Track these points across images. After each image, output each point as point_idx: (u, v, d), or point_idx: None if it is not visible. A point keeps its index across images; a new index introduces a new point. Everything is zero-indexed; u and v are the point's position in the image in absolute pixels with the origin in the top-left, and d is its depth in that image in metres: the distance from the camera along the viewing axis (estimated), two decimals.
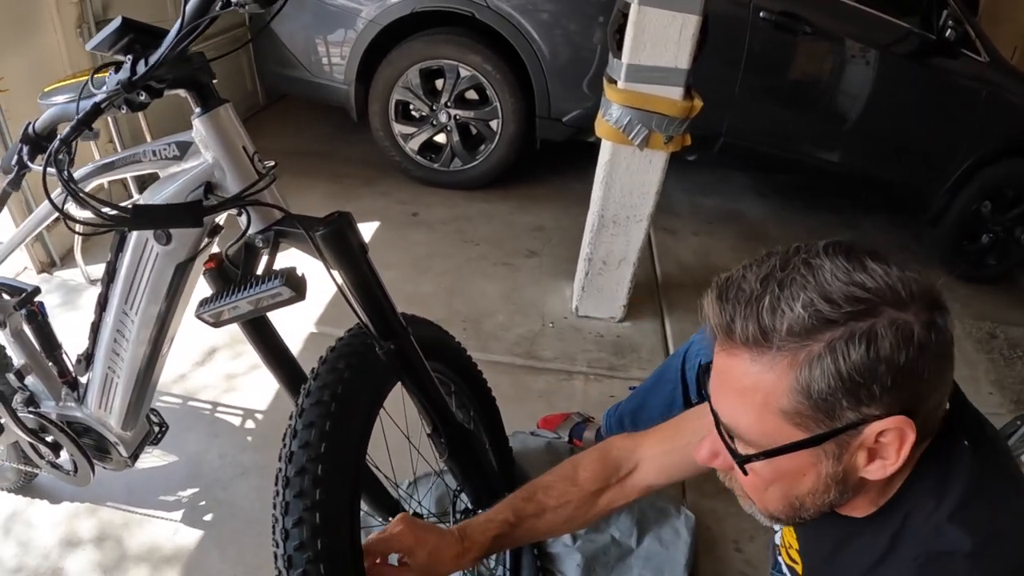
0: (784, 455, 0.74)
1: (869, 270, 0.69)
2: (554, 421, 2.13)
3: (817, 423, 0.71)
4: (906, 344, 0.67)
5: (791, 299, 0.69)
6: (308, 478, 0.94)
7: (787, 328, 0.69)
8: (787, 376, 0.70)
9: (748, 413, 0.75)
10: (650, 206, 2.46)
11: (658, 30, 2.13)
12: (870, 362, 0.67)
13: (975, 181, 3.46)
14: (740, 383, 0.74)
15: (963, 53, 3.27)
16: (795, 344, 0.69)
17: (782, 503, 0.81)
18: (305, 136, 4.27)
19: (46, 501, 1.84)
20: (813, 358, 0.68)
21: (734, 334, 0.72)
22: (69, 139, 0.92)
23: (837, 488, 0.76)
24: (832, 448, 0.73)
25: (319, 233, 1.01)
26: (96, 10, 2.93)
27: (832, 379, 0.68)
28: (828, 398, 0.69)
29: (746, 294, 0.72)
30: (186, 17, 0.89)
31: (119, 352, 1.32)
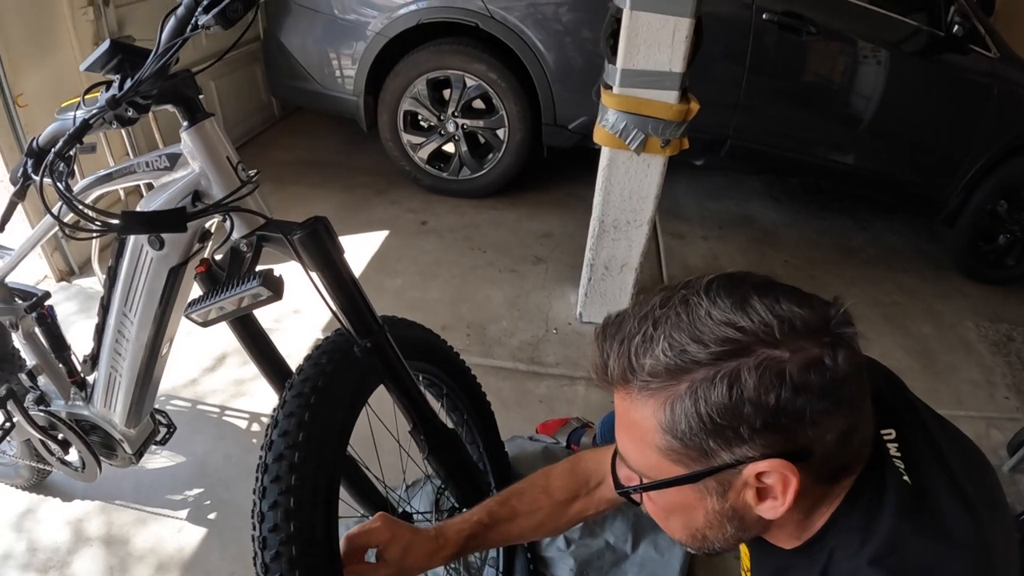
0: (666, 488, 0.75)
1: (748, 307, 0.68)
2: (553, 426, 2.15)
3: (693, 461, 0.71)
4: (777, 384, 0.65)
5: (658, 339, 0.68)
6: (285, 464, 0.98)
7: (649, 368, 0.68)
8: (654, 416, 0.70)
9: (633, 447, 0.76)
10: (650, 210, 2.49)
11: (651, 34, 2.15)
12: (732, 404, 0.66)
13: (990, 180, 3.41)
14: (624, 419, 0.75)
15: (972, 49, 3.24)
16: (658, 385, 0.69)
17: (684, 533, 0.81)
18: (319, 147, 4.35)
19: (58, 499, 1.92)
20: (675, 399, 0.68)
21: (607, 373, 0.73)
22: (62, 152, 0.99)
23: (733, 524, 0.76)
24: (713, 486, 0.72)
25: (296, 236, 1.06)
26: (112, 27, 3.03)
27: (693, 421, 0.67)
28: (694, 439, 0.69)
29: (622, 333, 0.72)
30: (163, 39, 0.96)
31: (120, 352, 1.39)
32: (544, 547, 1.82)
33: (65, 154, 1.03)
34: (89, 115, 1.01)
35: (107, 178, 1.30)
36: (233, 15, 0.90)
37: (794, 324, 0.67)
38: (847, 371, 0.67)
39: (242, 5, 0.90)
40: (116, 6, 3.06)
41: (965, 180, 3.41)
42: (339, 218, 3.43)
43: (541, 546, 1.83)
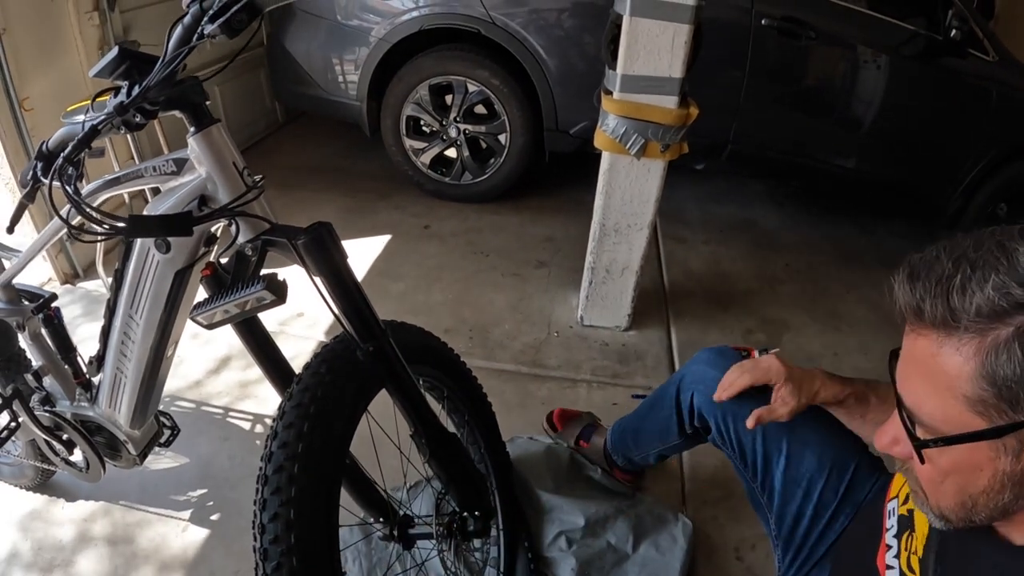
0: (963, 444, 0.71)
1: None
2: (568, 416, 2.15)
3: (1000, 413, 0.68)
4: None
5: (982, 280, 0.66)
6: (284, 475, 1.00)
7: (976, 309, 0.66)
8: (973, 360, 0.67)
9: (932, 397, 0.73)
10: (650, 214, 2.51)
11: (651, 40, 2.18)
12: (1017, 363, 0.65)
13: (990, 183, 3.43)
14: (926, 366, 0.72)
15: (971, 53, 3.26)
16: (983, 327, 0.66)
17: (955, 500, 0.77)
18: (323, 152, 4.38)
19: (63, 499, 1.94)
20: (1000, 343, 0.66)
21: (923, 314, 0.70)
22: (71, 157, 1.01)
23: (1013, 490, 0.72)
24: (1013, 443, 0.69)
25: (300, 242, 1.08)
26: (117, 32, 3.06)
27: (1019, 366, 0.65)
28: (1013, 386, 0.66)
29: (937, 274, 0.69)
30: (170, 47, 0.99)
31: (126, 354, 1.41)
32: (546, 547, 1.84)
33: (74, 158, 1.05)
34: (98, 121, 1.03)
35: (114, 182, 1.32)
36: (238, 25, 0.93)
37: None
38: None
39: (247, 15, 0.92)
40: (121, 11, 3.09)
41: (965, 183, 3.43)
42: (343, 222, 3.46)
43: (543, 546, 1.84)
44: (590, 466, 2.10)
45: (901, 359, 0.78)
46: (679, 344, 2.80)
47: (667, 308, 3.04)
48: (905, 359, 0.77)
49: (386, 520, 1.45)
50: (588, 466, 2.10)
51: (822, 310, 3.15)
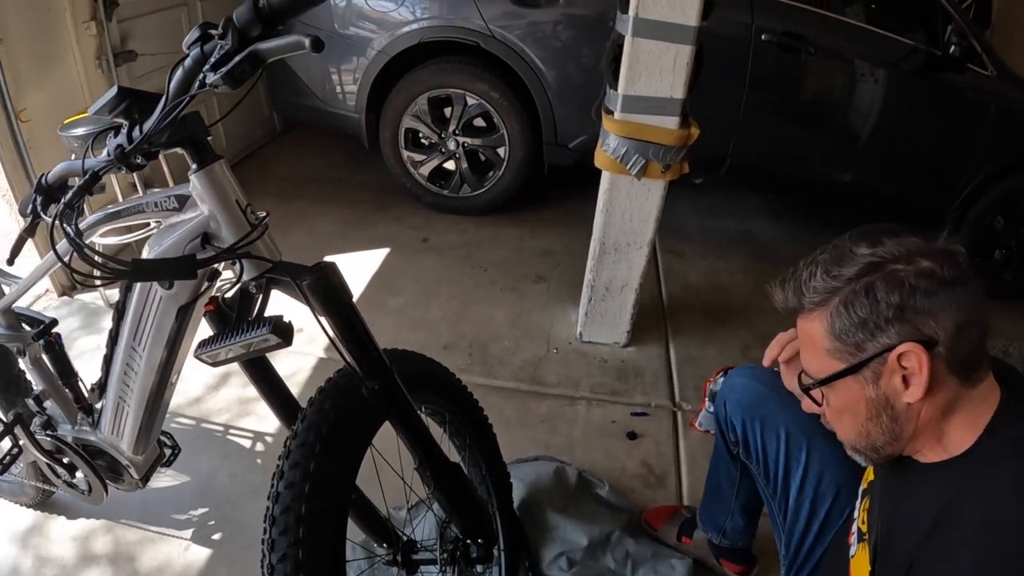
0: (836, 381, 0.98)
1: (879, 243, 0.93)
2: (664, 514, 2.04)
3: (851, 356, 0.95)
4: (898, 288, 0.89)
5: (817, 271, 0.96)
6: (292, 516, 1.00)
7: (813, 289, 0.96)
8: (822, 324, 0.97)
9: (810, 357, 1.02)
10: (650, 233, 2.51)
11: (652, 61, 2.18)
12: (870, 303, 0.91)
13: (987, 196, 3.44)
14: (803, 336, 1.03)
15: (969, 68, 3.27)
16: (820, 299, 0.96)
17: (854, 432, 1.02)
18: (322, 162, 4.37)
19: (63, 517, 1.93)
20: (834, 308, 0.95)
21: (787, 304, 1.02)
22: (73, 202, 1.00)
23: (887, 413, 0.96)
24: (869, 375, 0.95)
25: (305, 283, 1.08)
26: (115, 42, 3.05)
27: (847, 320, 0.93)
28: (850, 334, 0.94)
29: (793, 276, 1.00)
30: (169, 96, 0.98)
31: (129, 384, 1.40)
32: (546, 566, 1.85)
33: (76, 203, 1.05)
34: (100, 167, 1.03)
35: (115, 215, 1.32)
36: (241, 76, 0.91)
37: (911, 248, 0.91)
38: (954, 277, 0.89)
39: (250, 66, 0.91)
40: (119, 21, 3.08)
41: (962, 197, 3.44)
42: (341, 234, 3.47)
43: (543, 564, 1.86)
44: (598, 483, 2.12)
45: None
46: (677, 360, 2.80)
47: (666, 323, 3.04)
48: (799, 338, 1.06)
49: (389, 545, 1.45)
50: (596, 483, 2.12)
51: None
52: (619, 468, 2.24)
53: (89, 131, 1.87)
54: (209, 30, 0.96)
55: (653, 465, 2.27)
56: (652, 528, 2.01)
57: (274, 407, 1.32)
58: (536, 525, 1.94)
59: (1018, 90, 3.37)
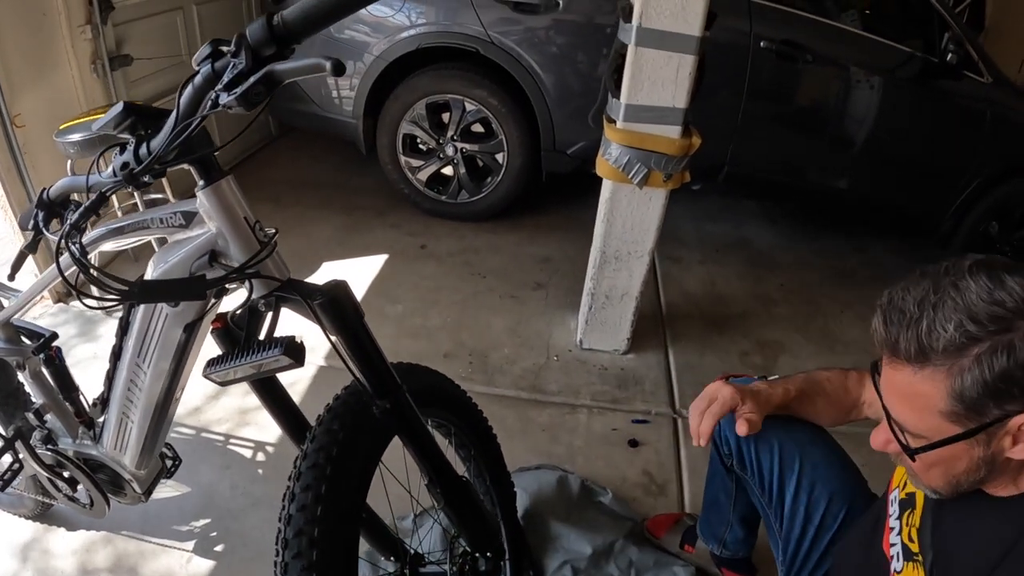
0: (944, 447, 0.89)
1: (1007, 288, 0.82)
2: (665, 522, 2.04)
3: (970, 420, 0.85)
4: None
5: (945, 321, 0.83)
6: (305, 540, 0.99)
7: (943, 347, 0.83)
8: (943, 385, 0.85)
9: (912, 413, 0.91)
10: (651, 242, 2.51)
11: (655, 70, 2.18)
12: (1009, 369, 0.81)
13: (982, 202, 3.47)
14: (905, 390, 0.90)
15: (966, 75, 3.29)
16: (949, 359, 0.83)
17: (942, 480, 0.96)
18: (317, 167, 4.35)
19: (63, 528, 1.91)
20: (964, 370, 0.83)
21: (899, 351, 0.88)
22: (79, 224, 0.99)
23: (986, 467, 0.90)
24: (983, 438, 0.87)
25: (317, 302, 1.07)
26: (110, 46, 3.03)
27: (980, 386, 0.82)
28: (977, 401, 0.83)
29: (907, 317, 0.87)
30: (180, 114, 0.95)
31: (132, 400, 1.39)
32: (550, 575, 1.86)
33: (82, 225, 1.03)
34: (107, 188, 1.01)
35: (118, 231, 1.29)
36: (256, 98, 0.88)
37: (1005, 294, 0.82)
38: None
39: (265, 88, 0.88)
40: (114, 24, 3.06)
41: (959, 202, 3.46)
42: (338, 240, 3.45)
43: (547, 573, 1.86)
44: (601, 491, 2.12)
45: (883, 383, 0.95)
46: (677, 367, 2.81)
47: (664, 330, 3.05)
48: (887, 384, 0.94)
49: (397, 558, 1.45)
50: (599, 492, 2.12)
51: (816, 330, 3.16)
52: (620, 477, 2.24)
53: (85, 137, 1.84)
54: (220, 47, 0.93)
55: (654, 473, 2.27)
56: (654, 537, 2.01)
57: (282, 424, 1.32)
58: (540, 534, 1.94)
59: (1013, 97, 3.40)
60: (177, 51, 3.53)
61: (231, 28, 3.27)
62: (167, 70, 3.44)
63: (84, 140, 1.88)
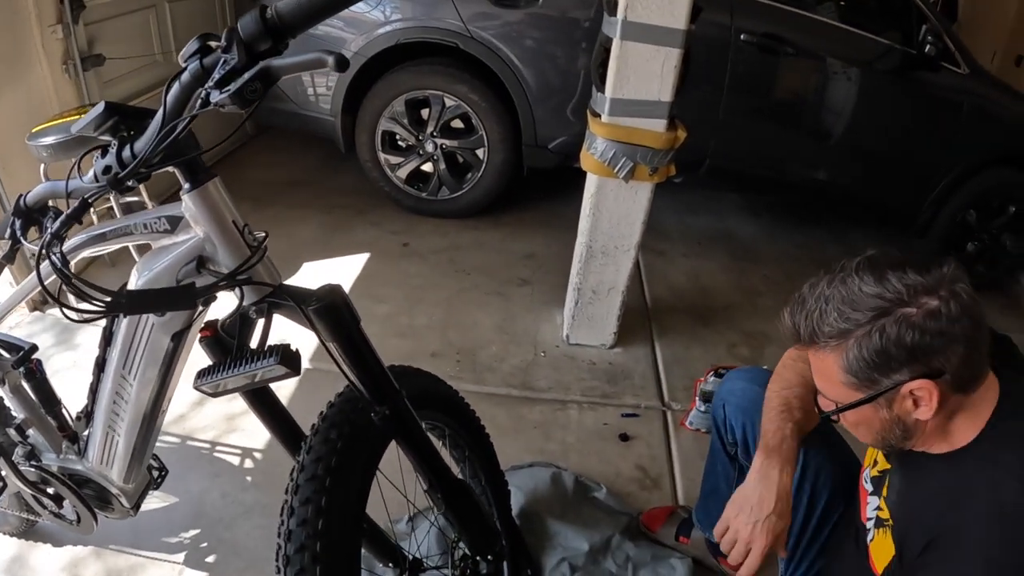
0: (852, 410, 1.06)
1: (886, 283, 0.97)
2: (660, 516, 2.04)
3: (867, 388, 1.02)
4: (909, 331, 0.95)
5: (830, 312, 1.00)
6: (308, 555, 0.97)
7: (827, 332, 1.01)
8: (836, 361, 1.02)
9: (825, 384, 1.09)
10: (637, 236, 2.50)
11: (641, 64, 2.17)
12: (883, 348, 0.97)
13: (961, 192, 3.50)
14: (817, 367, 1.09)
15: (943, 66, 3.32)
16: (835, 343, 1.01)
17: (869, 437, 1.12)
18: (296, 165, 4.29)
19: (49, 545, 1.85)
20: (848, 349, 1.00)
21: (798, 336, 1.05)
22: (60, 233, 0.95)
23: (899, 427, 1.06)
24: (883, 402, 1.03)
25: (312, 308, 1.04)
26: (82, 46, 2.95)
27: (861, 362, 0.99)
28: (864, 374, 1.00)
29: (804, 309, 1.03)
30: (167, 114, 0.91)
31: (119, 412, 1.34)
32: (548, 572, 1.85)
33: (63, 234, 0.99)
34: (90, 194, 0.97)
35: (100, 238, 1.25)
36: (251, 95, 0.83)
37: (917, 288, 0.96)
38: (959, 313, 0.95)
39: (261, 84, 0.84)
40: (86, 24, 2.98)
41: (936, 193, 3.49)
42: (320, 240, 3.40)
43: (545, 571, 1.85)
44: (595, 487, 2.12)
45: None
46: (664, 360, 2.81)
47: (651, 324, 3.04)
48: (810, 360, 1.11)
49: (395, 564, 1.42)
50: (593, 487, 2.12)
51: None
52: (614, 472, 2.23)
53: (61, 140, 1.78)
54: (209, 42, 0.89)
55: (647, 467, 2.27)
56: (650, 530, 2.01)
57: (275, 433, 1.29)
58: (536, 532, 1.93)
59: (990, 88, 3.44)
60: (150, 50, 3.46)
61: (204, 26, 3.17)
62: (141, 70, 3.37)
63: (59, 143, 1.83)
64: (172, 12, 3.59)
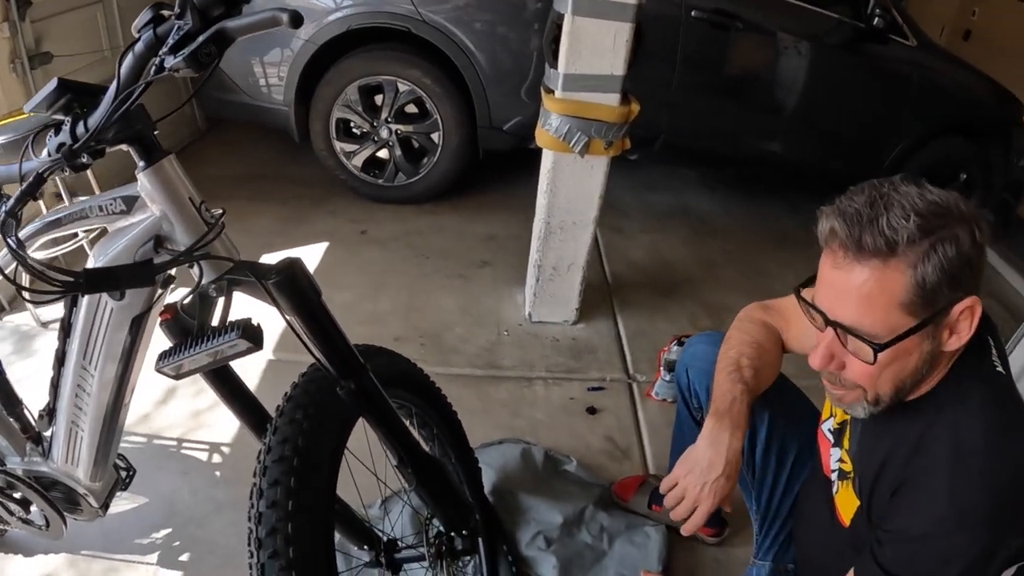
0: (904, 340, 0.95)
1: (934, 194, 0.94)
2: (631, 485, 2.06)
3: (924, 310, 0.94)
4: (971, 244, 0.91)
5: (900, 217, 0.91)
6: (280, 537, 0.96)
7: (906, 238, 0.90)
8: (907, 275, 0.92)
9: (874, 312, 0.95)
10: (595, 210, 2.52)
11: (593, 39, 2.19)
12: (957, 257, 0.90)
13: (911, 162, 3.60)
14: (862, 291, 0.95)
15: (892, 39, 3.40)
16: (911, 248, 0.91)
17: (891, 385, 1.03)
18: (250, 159, 4.21)
19: (20, 556, 1.80)
20: (925, 257, 0.91)
21: (864, 247, 0.93)
22: (15, 210, 0.93)
23: (927, 365, 1.00)
24: (930, 330, 0.96)
25: (272, 281, 1.03)
26: (28, 44, 2.87)
27: (939, 272, 0.91)
28: (936, 287, 0.92)
29: (864, 217, 0.93)
30: (121, 83, 0.90)
31: (81, 407, 1.31)
32: (524, 547, 1.86)
33: (18, 211, 0.97)
34: (44, 168, 0.95)
35: (55, 224, 1.23)
36: (206, 58, 0.84)
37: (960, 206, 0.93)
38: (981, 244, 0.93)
39: (216, 47, 0.83)
40: (32, 21, 2.89)
41: (887, 163, 3.58)
42: (278, 231, 3.36)
43: (521, 546, 1.87)
44: (565, 460, 2.14)
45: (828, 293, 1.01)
46: (627, 334, 2.84)
47: (612, 299, 3.08)
48: (836, 293, 0.99)
49: (370, 547, 1.42)
50: (563, 461, 2.14)
51: (760, 291, 3.18)
52: (584, 445, 2.26)
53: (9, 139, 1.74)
54: (162, 11, 0.89)
55: (616, 439, 2.30)
56: (622, 500, 2.03)
57: (242, 417, 1.27)
58: (510, 508, 1.94)
59: (939, 60, 3.54)
60: (99, 46, 3.37)
61: None
62: (90, 66, 3.28)
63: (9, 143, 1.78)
64: (119, 6, 3.50)
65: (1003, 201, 3.78)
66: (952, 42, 5.42)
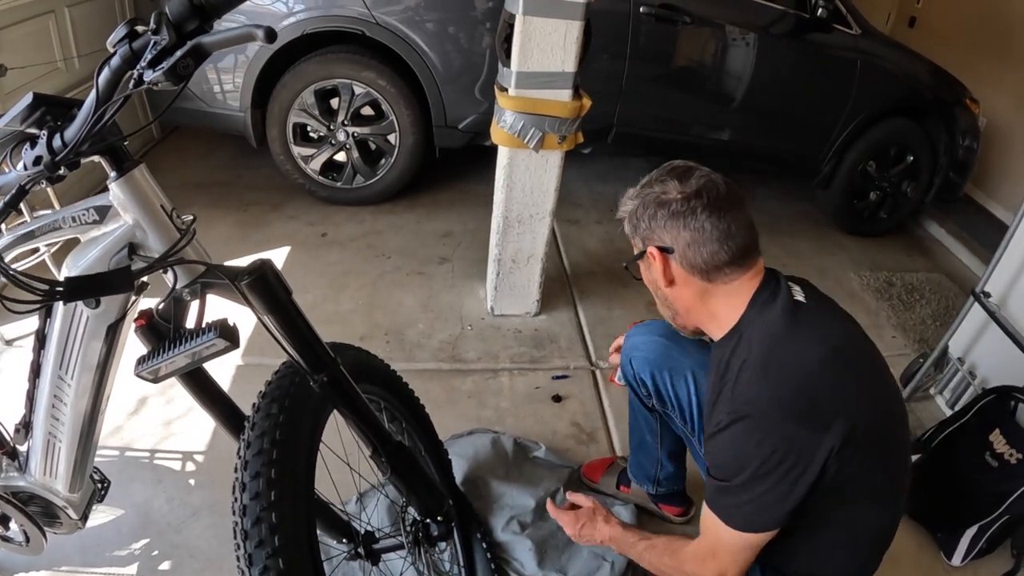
0: (636, 260, 1.35)
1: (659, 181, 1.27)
2: (599, 467, 2.14)
3: (635, 248, 1.34)
4: (645, 209, 1.27)
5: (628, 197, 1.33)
6: (265, 527, 1.00)
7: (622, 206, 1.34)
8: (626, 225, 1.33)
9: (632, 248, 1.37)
10: (551, 203, 2.59)
11: (544, 37, 2.25)
12: (637, 216, 1.29)
13: (858, 144, 3.75)
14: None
15: (836, 28, 3.54)
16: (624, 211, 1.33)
17: (660, 309, 1.41)
18: (206, 166, 4.18)
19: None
20: (626, 218, 1.32)
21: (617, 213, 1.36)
22: None
23: (659, 295, 1.37)
24: (645, 263, 1.33)
25: (244, 283, 1.07)
26: None
27: (630, 226, 1.32)
28: (631, 234, 1.33)
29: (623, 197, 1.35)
30: (99, 96, 0.92)
31: (59, 417, 1.33)
32: (499, 532, 1.91)
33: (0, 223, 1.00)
34: (25, 181, 0.98)
35: (29, 236, 1.25)
36: (184, 71, 0.87)
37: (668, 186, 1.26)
38: (687, 209, 1.22)
39: (193, 60, 0.87)
40: None
41: (835, 146, 3.73)
42: (237, 237, 3.37)
43: (496, 531, 1.91)
44: (534, 446, 2.20)
45: None
46: (588, 322, 2.93)
47: (571, 289, 3.16)
48: None
49: (349, 539, 1.46)
50: (532, 447, 2.20)
51: None
52: (551, 431, 2.33)
53: None
54: (136, 27, 0.92)
55: (582, 423, 2.37)
56: (592, 481, 2.11)
57: (218, 418, 1.30)
58: (483, 496, 2.00)
59: (881, 46, 3.68)
60: (52, 57, 3.33)
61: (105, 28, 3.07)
62: (44, 78, 3.24)
63: None
64: (72, 16, 3.46)
65: (948, 179, 3.93)
66: (898, 30, 5.61)
